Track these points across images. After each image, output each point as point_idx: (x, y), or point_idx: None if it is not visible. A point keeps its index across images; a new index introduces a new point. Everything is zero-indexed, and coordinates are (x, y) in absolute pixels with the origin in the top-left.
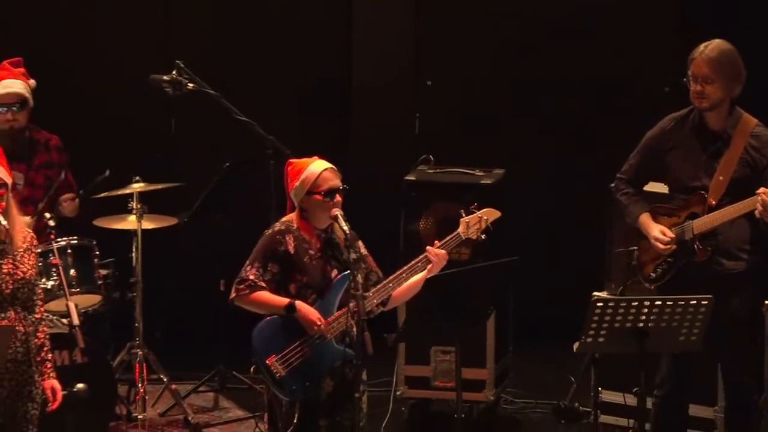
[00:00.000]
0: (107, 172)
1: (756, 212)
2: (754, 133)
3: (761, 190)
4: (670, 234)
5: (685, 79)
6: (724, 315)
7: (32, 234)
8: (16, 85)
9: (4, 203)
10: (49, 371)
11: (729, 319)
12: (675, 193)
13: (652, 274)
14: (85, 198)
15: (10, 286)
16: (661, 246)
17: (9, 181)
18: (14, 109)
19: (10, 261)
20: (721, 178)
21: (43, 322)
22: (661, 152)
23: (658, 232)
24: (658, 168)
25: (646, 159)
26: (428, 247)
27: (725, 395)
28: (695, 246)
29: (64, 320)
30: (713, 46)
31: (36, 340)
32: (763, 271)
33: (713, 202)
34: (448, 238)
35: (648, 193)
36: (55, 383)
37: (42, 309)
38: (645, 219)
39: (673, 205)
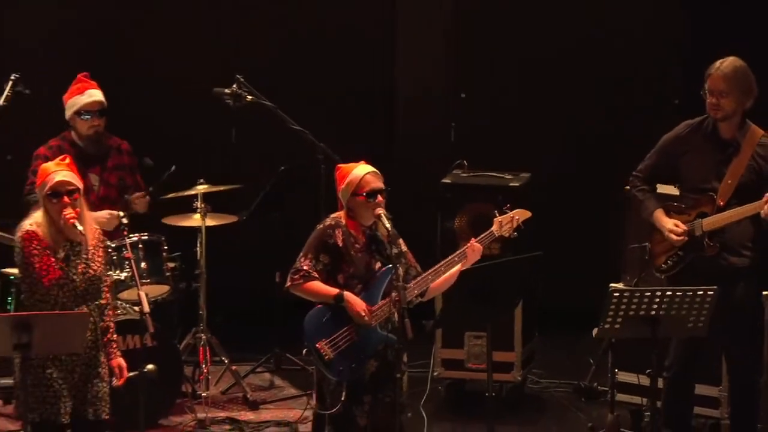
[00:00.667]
0: (173, 168)
1: (762, 213)
2: (761, 142)
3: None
4: (683, 227)
5: (702, 92)
6: (727, 305)
7: (99, 230)
8: (98, 94)
9: (79, 209)
10: (115, 350)
11: (732, 308)
12: (686, 193)
13: (663, 266)
14: (154, 194)
15: (84, 284)
16: (675, 237)
17: (81, 185)
18: (97, 115)
19: (83, 261)
20: (729, 181)
21: (108, 307)
22: (676, 155)
23: (672, 225)
24: (671, 169)
25: (661, 160)
26: (472, 240)
27: (729, 376)
28: (705, 242)
29: (136, 308)
30: (728, 62)
31: (102, 323)
32: (764, 266)
33: (721, 203)
34: (483, 235)
35: (659, 194)
36: (122, 361)
37: (107, 296)
38: (659, 214)
39: (683, 204)
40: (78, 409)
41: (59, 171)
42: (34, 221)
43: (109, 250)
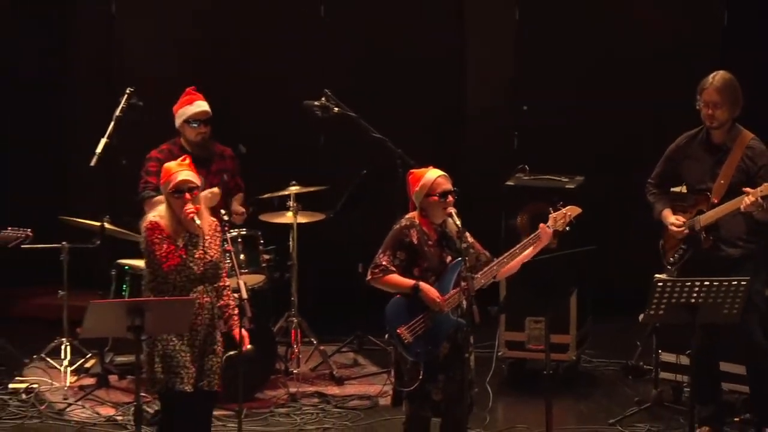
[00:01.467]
0: (243, 149)
1: (742, 206)
2: (749, 145)
3: (747, 189)
4: (682, 219)
5: (696, 104)
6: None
7: (216, 221)
8: (204, 105)
9: (199, 205)
10: (235, 323)
11: None
12: (688, 194)
13: (671, 259)
14: (251, 211)
15: (201, 268)
16: (675, 230)
17: (199, 183)
18: (204, 123)
19: (202, 248)
20: (722, 181)
21: (227, 289)
22: (678, 161)
23: (673, 219)
24: (676, 174)
25: (667, 167)
26: (542, 225)
27: (744, 354)
28: (701, 236)
29: (236, 294)
30: (719, 77)
31: (221, 302)
32: (756, 255)
33: (715, 201)
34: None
35: (673, 194)
36: (243, 331)
37: (225, 279)
38: (666, 212)
39: (686, 203)
40: (195, 380)
41: (181, 171)
42: (158, 214)
43: None
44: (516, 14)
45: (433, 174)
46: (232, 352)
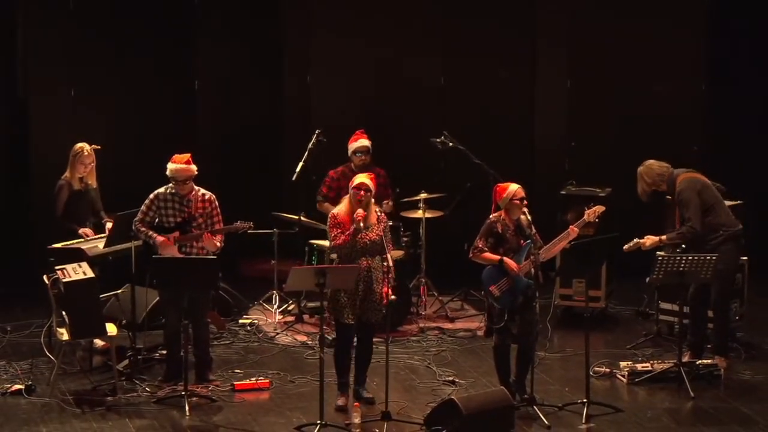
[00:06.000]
0: (397, 190)
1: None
2: None
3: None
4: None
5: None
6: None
7: (383, 214)
8: (366, 141)
9: (365, 209)
10: (390, 280)
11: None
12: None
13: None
14: (396, 203)
15: (365, 246)
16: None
17: (372, 188)
18: (365, 153)
19: (367, 233)
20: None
21: (386, 256)
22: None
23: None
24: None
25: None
26: (571, 227)
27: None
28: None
29: (385, 264)
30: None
31: (384, 266)
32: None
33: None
34: (579, 221)
35: None
36: (388, 289)
37: (390, 251)
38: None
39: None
40: (360, 316)
41: (362, 178)
42: (338, 208)
43: None
44: (568, 83)
45: (514, 186)
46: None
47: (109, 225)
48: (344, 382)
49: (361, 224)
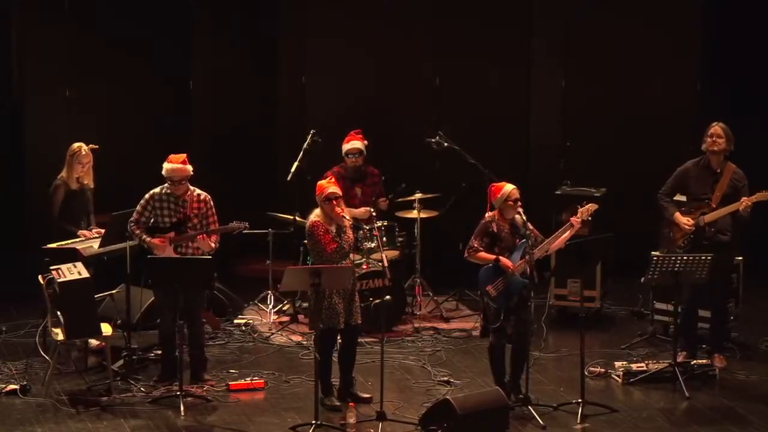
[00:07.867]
0: (403, 185)
1: (741, 209)
2: (735, 171)
3: (743, 198)
4: (692, 221)
5: (703, 144)
6: (716, 263)
7: (351, 219)
8: (358, 143)
9: (339, 208)
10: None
11: (718, 263)
12: (692, 201)
13: (681, 245)
14: (392, 201)
15: (348, 248)
16: (687, 227)
17: (341, 194)
18: (357, 155)
19: (347, 235)
20: (718, 193)
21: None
22: (684, 179)
23: (685, 220)
24: (682, 187)
25: (676, 182)
26: (572, 218)
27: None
28: (707, 228)
29: (380, 263)
30: (721, 124)
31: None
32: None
33: (714, 206)
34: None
35: (676, 201)
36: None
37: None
38: (677, 215)
39: (691, 208)
40: (347, 319)
41: (329, 187)
42: (315, 215)
43: (366, 228)
44: (562, 83)
45: (509, 187)
46: (377, 301)
47: (86, 233)
48: (330, 383)
49: (347, 218)
